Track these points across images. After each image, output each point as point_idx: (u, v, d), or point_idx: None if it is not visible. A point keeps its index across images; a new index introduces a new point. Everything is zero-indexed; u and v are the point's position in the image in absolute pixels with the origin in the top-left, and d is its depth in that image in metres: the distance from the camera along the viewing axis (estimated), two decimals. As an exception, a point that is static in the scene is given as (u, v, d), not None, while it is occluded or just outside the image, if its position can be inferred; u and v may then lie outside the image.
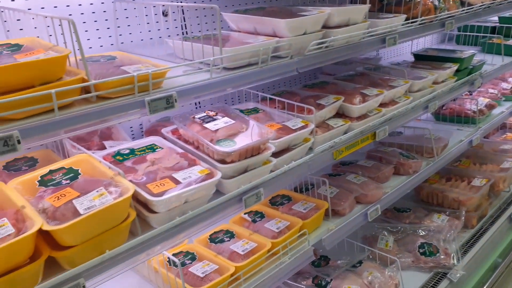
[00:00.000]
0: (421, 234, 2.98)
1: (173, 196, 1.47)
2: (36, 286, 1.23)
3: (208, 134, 1.78)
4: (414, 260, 2.81)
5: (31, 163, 1.86)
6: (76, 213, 1.29)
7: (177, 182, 1.55)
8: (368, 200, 2.49)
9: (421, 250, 2.82)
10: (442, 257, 2.79)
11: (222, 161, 1.69)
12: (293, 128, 2.03)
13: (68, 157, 1.78)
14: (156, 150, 1.78)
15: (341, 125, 2.28)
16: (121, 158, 1.70)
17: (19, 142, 1.19)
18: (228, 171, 1.68)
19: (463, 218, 3.13)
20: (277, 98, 2.30)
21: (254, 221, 2.26)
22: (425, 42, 4.45)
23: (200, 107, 2.55)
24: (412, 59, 3.52)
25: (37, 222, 1.21)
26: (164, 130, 1.97)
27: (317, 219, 2.26)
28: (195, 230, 1.65)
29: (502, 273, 3.17)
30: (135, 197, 1.52)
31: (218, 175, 1.63)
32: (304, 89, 2.64)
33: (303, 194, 2.51)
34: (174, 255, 1.98)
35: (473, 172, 3.63)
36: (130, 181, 1.51)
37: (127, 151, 1.75)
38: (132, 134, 2.33)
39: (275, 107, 2.31)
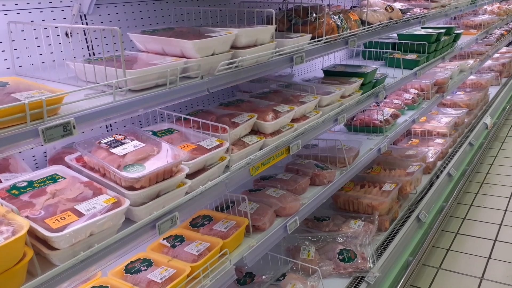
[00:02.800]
0: (340, 241, 3.11)
1: (75, 230, 1.38)
2: None
3: (115, 159, 1.70)
4: (334, 267, 2.92)
5: None
6: (-42, 260, 1.15)
7: (80, 214, 1.45)
8: (286, 212, 2.55)
9: (340, 257, 2.94)
10: (360, 261, 2.93)
11: (131, 188, 1.63)
12: (208, 147, 2.02)
13: (-46, 194, 1.59)
14: (58, 180, 1.66)
15: (256, 142, 2.32)
16: (17, 192, 1.55)
17: None
18: (137, 198, 1.62)
19: (376, 222, 3.33)
20: (191, 117, 2.28)
21: (173, 246, 2.19)
22: (335, 58, 4.74)
23: (112, 130, 2.45)
24: (322, 75, 3.72)
25: None
26: (67, 158, 1.85)
27: (237, 236, 2.26)
28: (105, 262, 1.55)
29: (414, 270, 3.41)
30: (34, 234, 1.39)
31: (126, 203, 1.56)
32: (220, 108, 2.66)
33: (224, 213, 2.50)
34: (86, 291, 1.85)
35: (383, 177, 3.90)
36: (26, 217, 1.39)
37: (25, 184, 1.61)
38: (35, 164, 2.16)
39: (191, 127, 2.29)
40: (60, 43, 2.11)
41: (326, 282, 2.74)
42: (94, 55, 2.28)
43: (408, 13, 4.07)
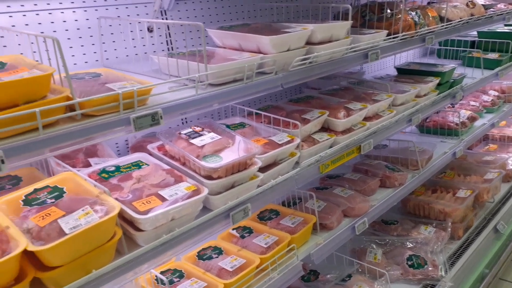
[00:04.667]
0: (409, 246, 3.00)
1: (160, 213, 1.46)
2: (20, 308, 1.20)
3: (194, 150, 1.78)
4: (402, 272, 2.82)
5: (15, 182, 1.83)
6: (61, 233, 1.27)
7: (163, 199, 1.54)
8: (355, 213, 2.51)
9: (409, 263, 2.83)
10: (430, 269, 2.80)
11: (209, 177, 1.69)
12: (279, 142, 2.05)
13: (53, 175, 1.75)
14: (142, 167, 1.78)
15: (327, 139, 2.30)
16: (106, 176, 1.68)
17: (3, 162, 1.17)
18: (215, 187, 1.68)
19: (449, 229, 3.16)
20: (263, 113, 2.31)
21: (242, 236, 2.25)
22: (408, 56, 4.56)
23: (186, 122, 2.56)
24: (395, 73, 3.59)
25: (22, 243, 1.19)
26: (150, 146, 1.97)
27: (305, 233, 2.26)
28: (183, 247, 1.63)
29: (490, 283, 3.19)
30: (121, 215, 1.50)
31: (205, 191, 1.62)
32: (289, 104, 2.67)
33: (290, 209, 2.51)
34: (161, 273, 1.95)
35: (457, 183, 3.69)
36: (116, 199, 1.50)
37: (113, 168, 1.74)
38: (118, 151, 2.31)
39: (261, 122, 2.33)
40: (142, 38, 2.24)
41: (393, 287, 2.66)
42: (172, 49, 2.40)
43: (492, 9, 3.81)
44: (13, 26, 1.82)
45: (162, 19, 2.35)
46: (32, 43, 1.56)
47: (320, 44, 2.15)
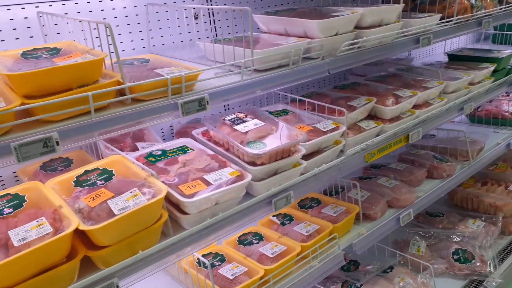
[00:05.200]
0: (455, 240, 2.88)
1: (205, 197, 1.48)
2: (72, 285, 1.25)
3: (238, 136, 1.78)
4: (447, 266, 2.72)
5: (66, 164, 1.91)
6: (111, 214, 1.31)
7: (208, 183, 1.55)
8: (400, 204, 2.43)
9: (455, 257, 2.72)
10: (478, 264, 2.68)
11: (252, 163, 1.69)
12: (324, 130, 2.00)
13: (102, 158, 1.81)
14: (187, 151, 1.80)
15: (373, 127, 2.23)
16: (153, 160, 1.72)
17: (57, 143, 1.22)
18: (258, 173, 1.67)
19: (500, 224, 3.00)
20: (307, 99, 2.27)
21: (283, 223, 2.24)
22: (459, 42, 4.31)
23: (229, 109, 2.56)
24: (445, 59, 3.41)
25: (74, 222, 1.24)
26: (194, 132, 1.98)
27: (347, 223, 2.22)
28: (225, 232, 1.65)
29: (542, 282, 3.01)
30: (167, 198, 1.53)
31: (248, 177, 1.62)
32: (334, 90, 2.61)
33: (332, 198, 2.47)
34: (203, 256, 1.99)
35: (510, 176, 3.48)
36: (163, 182, 1.53)
37: (159, 153, 1.77)
38: (163, 136, 2.36)
39: (305, 109, 2.29)
40: (188, 25, 2.25)
41: (437, 281, 2.57)
42: (217, 36, 2.40)
43: (557, -10, 3.51)
44: (66, 14, 1.87)
45: (207, 5, 2.34)
46: (82, 30, 1.60)
47: (370, 29, 2.06)
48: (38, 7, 1.79)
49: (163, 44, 2.23)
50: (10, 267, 1.12)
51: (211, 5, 2.36)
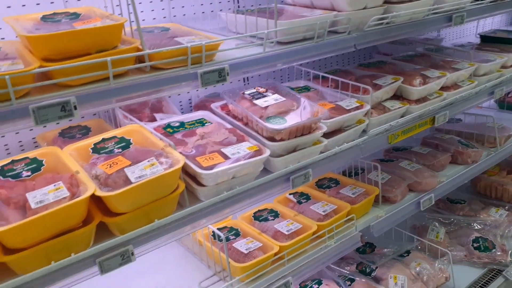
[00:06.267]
0: (476, 227, 2.80)
1: (222, 170, 1.45)
2: (88, 249, 1.26)
3: (257, 110, 1.74)
4: (466, 254, 2.65)
5: (85, 131, 1.91)
6: (128, 181, 1.30)
7: (226, 157, 1.52)
8: (421, 188, 2.37)
9: (475, 245, 2.65)
10: (499, 253, 2.61)
11: (271, 139, 1.65)
12: (347, 108, 1.94)
13: (120, 127, 1.80)
14: (206, 124, 1.77)
15: (399, 108, 2.15)
16: (171, 131, 1.70)
17: (75, 108, 1.20)
18: (277, 149, 1.64)
19: (524, 214, 2.90)
20: (330, 76, 2.20)
21: (299, 202, 2.21)
22: (493, 23, 4.11)
23: (248, 83, 2.51)
24: (477, 41, 3.25)
25: (90, 188, 1.24)
26: (213, 105, 1.95)
27: (366, 204, 2.17)
28: (241, 206, 1.63)
29: None
30: (184, 170, 1.51)
31: (267, 152, 1.58)
32: (359, 69, 2.52)
33: (351, 179, 2.42)
34: (219, 229, 1.97)
35: (538, 166, 3.35)
36: (180, 153, 1.51)
37: (177, 124, 1.75)
38: (181, 109, 2.33)
39: (328, 86, 2.22)
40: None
41: (455, 268, 2.51)
42: (239, 7, 2.33)
43: None
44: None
45: (231, -26, 2.27)
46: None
47: (400, 4, 1.96)
48: (59, -29, 1.76)
49: (184, 14, 2.18)
50: (28, 228, 1.13)
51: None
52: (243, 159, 1.52)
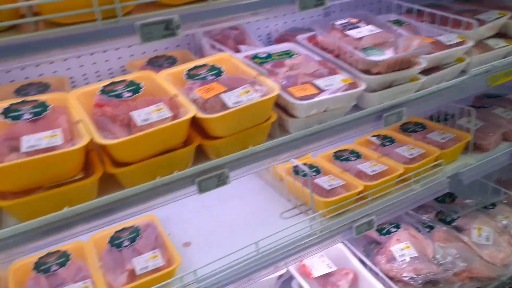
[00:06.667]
0: None
1: (316, 101, 1.40)
2: (187, 169, 1.30)
3: (351, 41, 1.63)
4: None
5: (171, 61, 1.93)
6: (225, 107, 1.30)
7: (318, 88, 1.47)
8: (518, 137, 2.17)
9: None
10: None
11: (367, 72, 1.55)
12: (447, 43, 1.77)
13: (206, 58, 1.79)
14: (293, 56, 1.70)
15: (503, 47, 1.93)
16: (259, 61, 1.65)
17: (178, 27, 1.19)
18: (372, 83, 1.54)
19: None
20: (427, 9, 2.00)
21: (383, 144, 2.13)
22: None
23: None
24: None
25: (191, 110, 1.25)
26: (299, 37, 1.87)
27: (455, 151, 2.04)
28: (329, 141, 1.59)
29: None
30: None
31: (362, 85, 1.50)
32: (456, 3, 2.28)
33: (439, 124, 2.27)
34: (298, 166, 1.97)
35: None
36: (272, 82, 1.47)
37: (265, 55, 1.70)
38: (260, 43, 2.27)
39: (422, 21, 2.03)
40: None
41: (546, 226, 2.34)
42: None
43: None
44: None
45: None
46: None
47: None
48: None
49: None
50: (136, 143, 1.17)
51: None
52: (338, 91, 1.45)
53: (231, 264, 1.57)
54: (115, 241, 1.67)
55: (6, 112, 1.26)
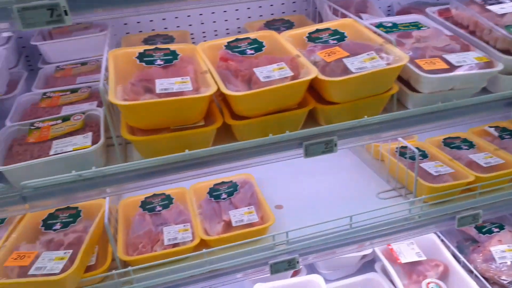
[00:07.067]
0: None
1: (446, 77, 1.31)
2: (297, 131, 1.29)
3: (492, 17, 1.48)
4: None
5: (288, 25, 1.93)
6: (346, 71, 1.26)
7: (449, 64, 1.36)
8: None
9: None
10: None
11: (506, 52, 1.40)
12: None
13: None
14: (422, 28, 1.59)
15: None
16: (384, 30, 1.57)
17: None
18: (511, 65, 1.39)
19: None
20: None
21: (501, 137, 1.94)
22: None
23: None
24: None
25: (313, 71, 1.23)
26: (429, 10, 1.73)
27: None
28: (448, 123, 1.47)
29: None
30: (396, 73, 1.41)
31: (499, 66, 1.36)
32: None
33: None
34: (402, 148, 1.88)
35: None
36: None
37: (390, 24, 1.61)
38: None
39: None
40: None
41: None
42: None
43: None
44: None
45: None
46: None
47: None
48: None
49: None
50: (256, 98, 1.20)
51: None
52: (471, 69, 1.33)
53: (323, 233, 1.57)
54: (214, 193, 1.76)
55: (141, 56, 1.35)
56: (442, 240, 2.06)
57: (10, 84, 1.71)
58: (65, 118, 1.35)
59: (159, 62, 1.34)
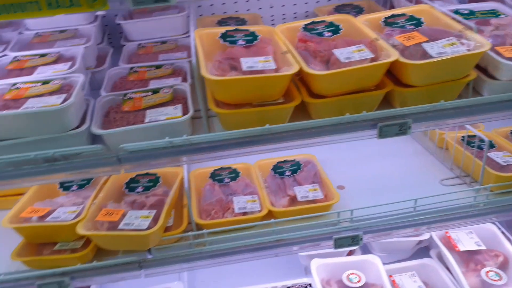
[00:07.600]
0: None
1: (528, 65, 1.30)
2: (374, 112, 1.34)
3: None
4: None
5: (358, 10, 1.96)
6: (425, 56, 1.29)
7: (532, 52, 1.35)
8: None
9: None
10: None
11: None
12: None
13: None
14: (500, 16, 1.58)
15: None
16: (461, 17, 1.57)
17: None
18: None
19: None
20: None
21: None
22: None
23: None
24: None
25: (394, 54, 1.28)
26: (507, -2, 1.71)
27: None
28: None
29: None
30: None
31: None
32: None
33: None
34: (469, 136, 1.87)
35: None
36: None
37: (467, 12, 1.61)
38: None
39: None
40: None
41: None
42: None
43: None
44: None
45: None
46: None
47: None
48: None
49: None
50: (337, 78, 1.26)
51: None
52: (555, 57, 1.32)
53: (386, 214, 1.62)
54: (278, 170, 1.85)
55: (224, 36, 1.45)
56: (502, 232, 2.05)
57: (98, 58, 1.87)
58: (155, 91, 1.48)
59: (241, 42, 1.43)
